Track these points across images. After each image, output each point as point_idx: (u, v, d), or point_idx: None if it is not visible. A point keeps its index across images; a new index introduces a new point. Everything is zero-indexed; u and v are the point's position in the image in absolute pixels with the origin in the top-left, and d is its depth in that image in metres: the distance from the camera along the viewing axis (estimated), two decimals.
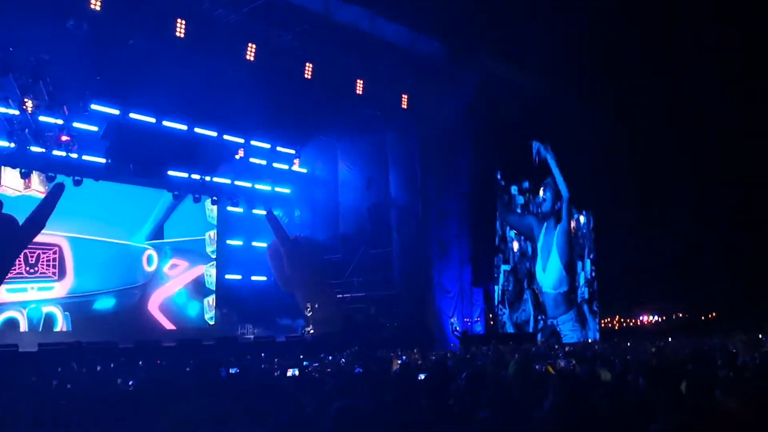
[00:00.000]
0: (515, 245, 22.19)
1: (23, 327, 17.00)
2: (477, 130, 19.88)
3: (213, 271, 21.71)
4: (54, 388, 8.77)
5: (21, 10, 12.94)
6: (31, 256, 17.23)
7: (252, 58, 16.27)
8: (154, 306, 19.89)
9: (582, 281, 24.03)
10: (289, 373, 7.27)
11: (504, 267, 21.77)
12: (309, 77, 17.15)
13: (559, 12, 17.62)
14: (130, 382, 8.77)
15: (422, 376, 6.87)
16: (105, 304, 18.75)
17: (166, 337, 17.71)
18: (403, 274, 20.06)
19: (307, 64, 16.90)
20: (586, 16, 18.27)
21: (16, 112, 15.38)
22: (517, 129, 21.60)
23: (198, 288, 21.11)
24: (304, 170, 23.50)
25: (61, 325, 17.76)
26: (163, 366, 12.24)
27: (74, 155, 16.81)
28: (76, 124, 16.54)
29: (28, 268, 17.21)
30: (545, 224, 22.54)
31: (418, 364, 8.58)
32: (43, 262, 17.40)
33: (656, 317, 35.39)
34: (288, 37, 15.93)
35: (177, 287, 20.61)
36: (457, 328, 19.15)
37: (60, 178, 16.82)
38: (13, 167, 16.59)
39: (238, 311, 21.51)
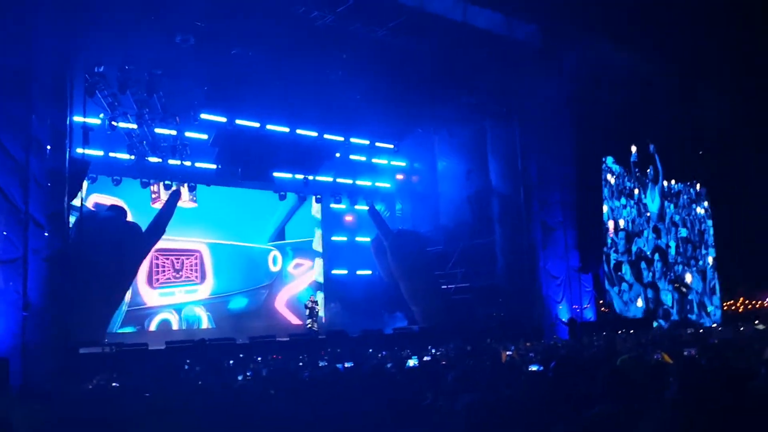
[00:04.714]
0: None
1: (176, 326, 18.80)
2: (579, 114, 19.22)
3: (320, 268, 22.45)
4: (180, 383, 9.37)
5: (134, 30, 13.81)
6: (177, 262, 19.15)
7: (347, 57, 16.58)
8: (281, 303, 21.22)
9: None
10: (411, 363, 7.42)
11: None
12: (403, 71, 17.28)
13: None
14: (248, 374, 9.26)
15: (533, 368, 6.78)
16: (238, 303, 20.29)
17: (281, 333, 18.50)
18: (507, 263, 19.80)
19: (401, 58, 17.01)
20: None
21: (134, 126, 16.50)
22: (622, 112, 20.86)
23: (319, 285, 22.34)
24: (403, 164, 23.75)
25: (206, 324, 19.44)
26: (279, 361, 12.77)
27: (188, 163, 17.89)
28: (187, 134, 17.58)
29: (175, 273, 19.12)
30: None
31: (530, 355, 8.49)
32: (187, 267, 19.30)
33: None
34: (382, 33, 16.05)
35: (302, 285, 21.91)
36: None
37: (176, 186, 17.96)
38: (134, 178, 17.81)
39: (345, 305, 22.07)
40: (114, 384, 8.69)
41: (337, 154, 20.98)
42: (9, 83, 10.98)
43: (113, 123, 15.61)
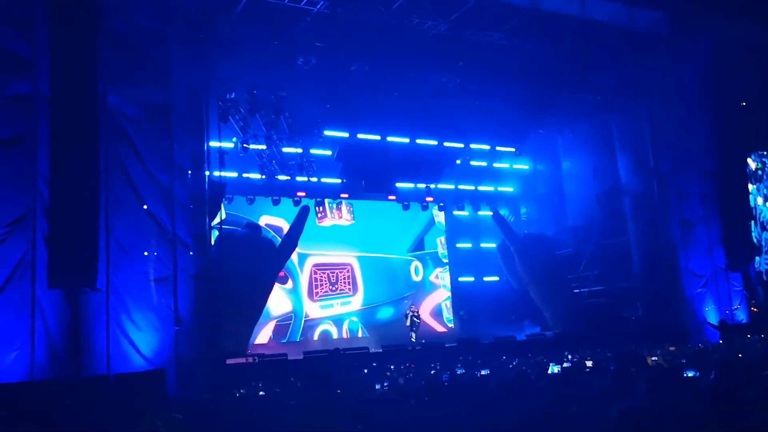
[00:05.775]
0: None
1: (335, 336, 19.86)
2: (717, 102, 17.89)
3: (447, 276, 22.40)
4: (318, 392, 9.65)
5: (259, 56, 14.61)
6: (332, 276, 20.37)
7: (463, 64, 16.51)
8: (425, 312, 21.54)
9: None
10: (555, 370, 7.23)
11: None
12: (521, 72, 16.94)
13: None
14: (386, 384, 9.37)
15: (690, 374, 6.40)
16: (385, 313, 21.06)
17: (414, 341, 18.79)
18: (643, 262, 18.75)
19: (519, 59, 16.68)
20: None
21: (264, 147, 17.36)
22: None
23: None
24: (526, 167, 23.26)
25: (360, 333, 20.37)
26: (412, 369, 12.85)
27: (314, 179, 18.57)
28: (313, 151, 18.25)
29: (331, 287, 20.28)
30: None
31: (682, 361, 7.97)
32: (341, 280, 20.48)
33: None
34: (497, 36, 15.85)
35: (445, 294, 22.30)
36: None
37: (304, 201, 18.68)
38: (266, 196, 18.70)
39: (473, 312, 21.89)
40: (261, 393, 9.13)
41: (458, 161, 20.91)
42: (153, 117, 11.90)
43: (245, 145, 16.51)
